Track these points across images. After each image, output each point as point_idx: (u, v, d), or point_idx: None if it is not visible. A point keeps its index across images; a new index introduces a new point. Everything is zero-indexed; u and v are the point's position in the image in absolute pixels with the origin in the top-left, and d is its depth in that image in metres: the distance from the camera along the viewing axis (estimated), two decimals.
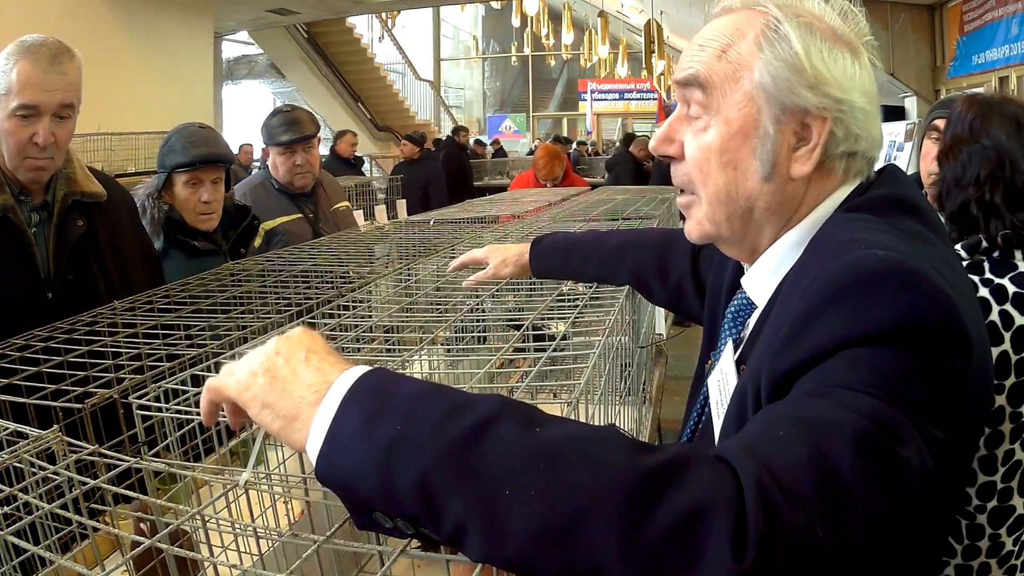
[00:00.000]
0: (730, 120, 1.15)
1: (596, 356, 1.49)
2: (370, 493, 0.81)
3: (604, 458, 0.77)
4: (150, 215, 3.00)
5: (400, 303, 2.01)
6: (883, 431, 0.85)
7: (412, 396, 0.83)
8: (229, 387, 0.94)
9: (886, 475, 0.84)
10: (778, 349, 0.99)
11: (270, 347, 0.93)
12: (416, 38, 25.95)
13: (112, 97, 8.91)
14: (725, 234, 1.22)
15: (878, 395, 0.87)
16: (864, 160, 1.17)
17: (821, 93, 1.11)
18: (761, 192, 1.16)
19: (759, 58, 1.13)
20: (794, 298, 1.02)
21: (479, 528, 0.76)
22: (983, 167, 1.98)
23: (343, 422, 0.83)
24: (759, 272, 1.23)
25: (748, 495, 0.75)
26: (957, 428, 0.98)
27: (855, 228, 1.06)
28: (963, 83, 12.16)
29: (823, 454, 0.81)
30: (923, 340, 0.92)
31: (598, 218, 3.62)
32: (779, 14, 1.14)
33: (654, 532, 0.73)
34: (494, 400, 0.83)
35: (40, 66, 2.17)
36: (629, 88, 26.16)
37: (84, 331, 1.89)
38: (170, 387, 1.40)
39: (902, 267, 0.95)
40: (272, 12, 14.01)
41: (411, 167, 10.30)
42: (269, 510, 1.46)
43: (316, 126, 4.00)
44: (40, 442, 1.15)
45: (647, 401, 2.76)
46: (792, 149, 1.13)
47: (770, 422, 0.87)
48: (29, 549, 0.97)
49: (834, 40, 1.14)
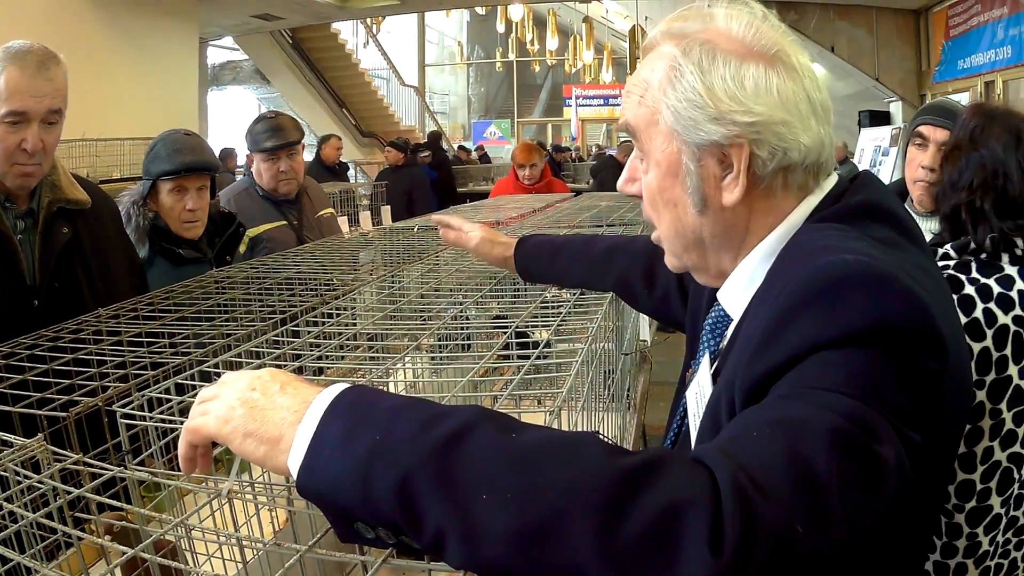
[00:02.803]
0: (659, 162, 1.17)
1: (579, 363, 1.50)
2: (351, 502, 0.82)
3: (580, 460, 0.78)
4: (135, 223, 2.99)
5: (384, 310, 2.02)
6: (860, 429, 0.85)
7: (391, 408, 0.85)
8: (208, 425, 0.95)
9: (864, 472, 0.83)
10: (750, 357, 0.99)
11: (242, 384, 0.95)
12: (401, 44, 25.90)
13: (97, 103, 8.88)
14: (689, 264, 1.25)
15: (853, 395, 0.88)
16: (807, 170, 1.14)
17: (728, 122, 1.09)
18: (702, 223, 1.17)
19: (663, 101, 1.14)
20: (765, 306, 1.02)
21: (458, 532, 0.77)
22: (977, 174, 2.03)
23: (324, 435, 0.84)
24: (733, 286, 1.23)
25: (724, 493, 0.75)
26: (935, 430, 0.98)
27: (826, 236, 1.06)
28: (949, 88, 12.23)
29: (799, 453, 0.81)
30: (896, 342, 0.93)
31: (581, 225, 3.63)
32: (678, 51, 1.14)
33: (631, 530, 0.73)
34: (472, 410, 0.84)
35: (28, 72, 2.17)
36: (614, 94, 26.13)
37: (69, 339, 1.89)
38: (154, 395, 1.40)
39: (872, 270, 0.96)
40: (257, 18, 13.98)
41: (396, 173, 10.27)
42: (254, 518, 1.47)
43: (300, 132, 4.00)
44: (25, 451, 1.15)
45: (631, 407, 2.77)
46: (719, 179, 1.13)
47: (745, 426, 0.88)
48: (14, 558, 0.97)
49: (743, 56, 1.11)
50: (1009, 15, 10.61)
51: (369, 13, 16.24)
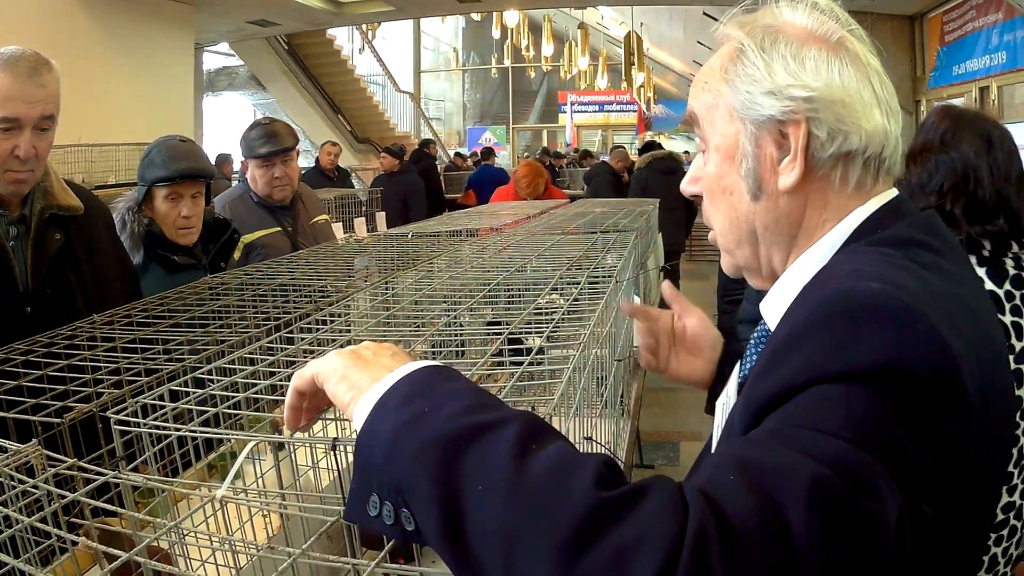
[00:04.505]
0: (718, 147, 1.17)
1: (571, 369, 1.51)
2: (379, 459, 0.87)
3: (569, 482, 0.78)
4: (130, 229, 3.00)
5: (378, 317, 2.02)
6: (846, 481, 0.77)
7: (452, 389, 0.91)
8: (314, 366, 1.04)
9: (848, 530, 0.75)
10: (755, 376, 0.96)
11: (361, 345, 1.05)
12: (396, 50, 25.91)
13: (92, 108, 8.88)
14: (742, 262, 1.22)
15: (846, 437, 0.80)
16: (867, 164, 1.10)
17: (785, 96, 1.08)
18: (756, 211, 1.15)
19: (725, 81, 1.15)
20: (783, 324, 0.98)
21: (446, 510, 0.80)
22: (948, 178, 2.03)
23: (391, 395, 0.92)
24: (774, 297, 1.19)
25: (688, 538, 0.72)
26: (955, 495, 0.90)
27: (864, 259, 1.01)
28: (943, 93, 12.30)
29: (774, 505, 0.75)
30: (907, 390, 0.85)
31: (576, 231, 3.64)
32: (743, 33, 1.15)
33: (589, 562, 0.73)
34: (519, 412, 0.88)
35: (20, 78, 2.17)
36: (609, 100, 26.18)
37: (63, 345, 1.89)
38: (148, 402, 1.40)
39: (895, 302, 0.89)
40: (253, 23, 13.98)
41: (391, 179, 10.28)
42: (248, 524, 1.47)
43: (294, 138, 4.01)
44: (19, 456, 1.16)
45: (625, 414, 2.78)
46: (776, 162, 1.11)
47: (727, 465, 0.81)
48: (9, 563, 0.98)
49: (805, 40, 1.11)
50: (1004, 21, 10.66)
51: (364, 19, 16.23)
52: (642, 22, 20.02)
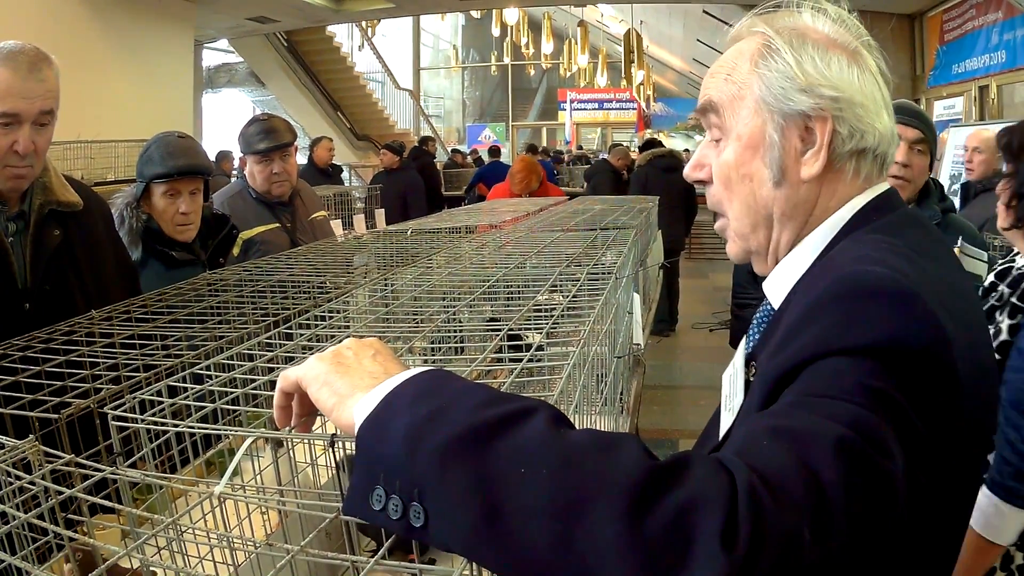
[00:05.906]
0: (741, 135, 1.25)
1: (571, 366, 1.51)
2: (394, 454, 0.86)
3: (619, 452, 0.81)
4: (128, 225, 2.99)
5: (377, 313, 2.02)
6: (864, 440, 0.85)
7: (462, 387, 0.92)
8: (297, 371, 1.05)
9: (868, 484, 0.84)
10: (772, 350, 1.05)
11: (342, 345, 1.05)
12: (396, 47, 25.91)
13: (92, 105, 8.89)
14: (754, 246, 1.30)
15: (859, 403, 0.89)
16: (875, 159, 1.22)
17: (816, 94, 1.18)
18: (776, 198, 1.24)
19: (756, 74, 1.23)
20: (798, 306, 1.07)
21: (486, 501, 0.80)
22: None
23: (398, 395, 0.91)
24: (777, 277, 1.29)
25: (740, 495, 0.77)
26: (947, 450, 0.99)
27: (870, 247, 1.11)
28: (943, 92, 12.30)
29: (805, 464, 0.82)
30: (906, 363, 0.94)
31: (576, 228, 3.64)
32: (772, 32, 1.23)
33: (654, 522, 0.75)
34: (535, 400, 0.89)
35: (20, 74, 2.16)
36: (609, 98, 26.19)
37: (61, 341, 1.89)
38: (146, 397, 1.40)
39: (897, 286, 0.99)
40: (252, 20, 13.97)
41: (390, 176, 10.28)
42: (246, 520, 1.47)
43: (292, 134, 4.01)
44: (16, 451, 1.15)
45: (624, 411, 2.77)
46: (800, 153, 1.21)
47: (756, 433, 0.89)
48: (6, 559, 0.97)
49: (828, 46, 1.21)
50: (1003, 20, 10.64)
51: (364, 16, 16.23)
52: (642, 20, 20.03)
